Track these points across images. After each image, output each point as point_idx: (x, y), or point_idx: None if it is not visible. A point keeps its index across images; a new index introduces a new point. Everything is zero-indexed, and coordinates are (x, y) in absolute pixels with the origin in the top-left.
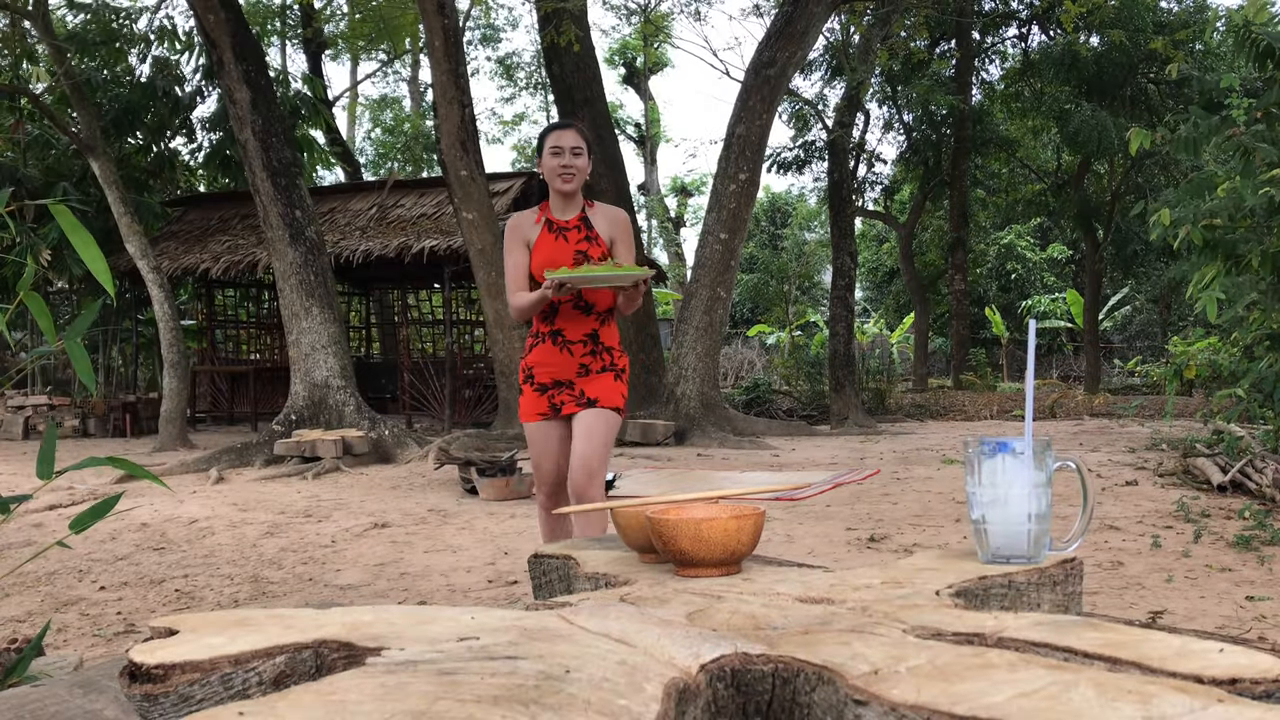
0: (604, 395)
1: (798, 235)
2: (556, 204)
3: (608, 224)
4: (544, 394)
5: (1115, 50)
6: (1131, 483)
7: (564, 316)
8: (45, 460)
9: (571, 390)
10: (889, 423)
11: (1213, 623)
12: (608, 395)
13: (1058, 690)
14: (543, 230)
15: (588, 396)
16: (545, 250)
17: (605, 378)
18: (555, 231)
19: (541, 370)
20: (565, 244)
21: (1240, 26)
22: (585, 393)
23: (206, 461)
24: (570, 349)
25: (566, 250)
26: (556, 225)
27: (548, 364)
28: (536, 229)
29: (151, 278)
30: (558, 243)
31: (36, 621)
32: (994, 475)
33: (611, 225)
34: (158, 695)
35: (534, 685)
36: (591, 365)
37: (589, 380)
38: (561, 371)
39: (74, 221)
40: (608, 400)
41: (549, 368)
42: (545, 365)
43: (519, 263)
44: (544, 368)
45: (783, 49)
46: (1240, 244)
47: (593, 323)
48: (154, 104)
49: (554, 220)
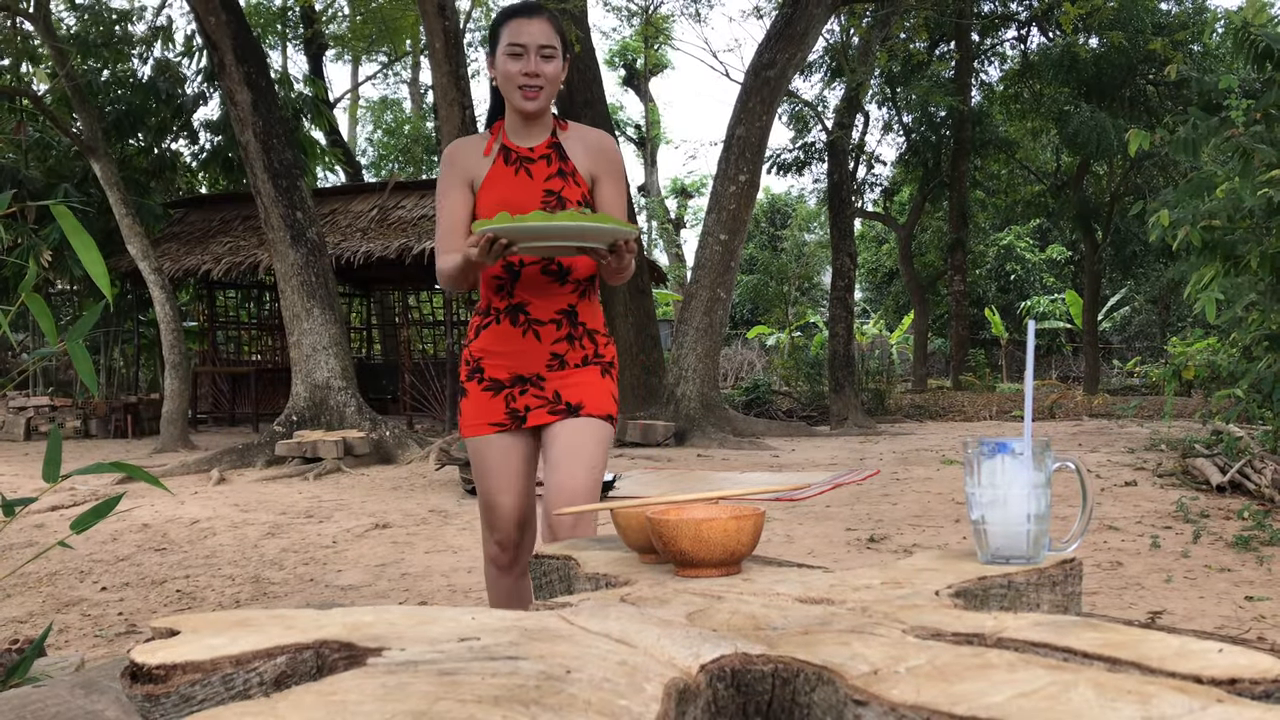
0: (590, 398)
1: (797, 236)
2: (515, 126)
3: (589, 153)
4: (499, 394)
5: (1114, 52)
6: (1130, 483)
7: (528, 286)
8: (51, 463)
9: (540, 390)
10: (888, 423)
11: (1212, 623)
12: (595, 398)
13: (1057, 690)
14: (496, 162)
15: (566, 400)
16: (499, 189)
17: (589, 373)
18: (514, 163)
19: (495, 362)
20: (529, 181)
21: (1239, 27)
22: (561, 395)
23: (208, 462)
24: (537, 332)
25: (530, 190)
26: (516, 155)
27: (505, 353)
28: (486, 161)
29: (153, 279)
30: (518, 179)
31: (38, 622)
32: (993, 476)
33: (595, 156)
34: (159, 696)
35: (535, 685)
36: (568, 355)
37: (566, 377)
38: (525, 363)
39: (75, 223)
40: (596, 405)
41: (507, 358)
42: (501, 355)
43: (455, 209)
44: (499, 358)
45: (782, 50)
46: (1239, 245)
47: (568, 295)
48: (155, 105)
49: (512, 148)
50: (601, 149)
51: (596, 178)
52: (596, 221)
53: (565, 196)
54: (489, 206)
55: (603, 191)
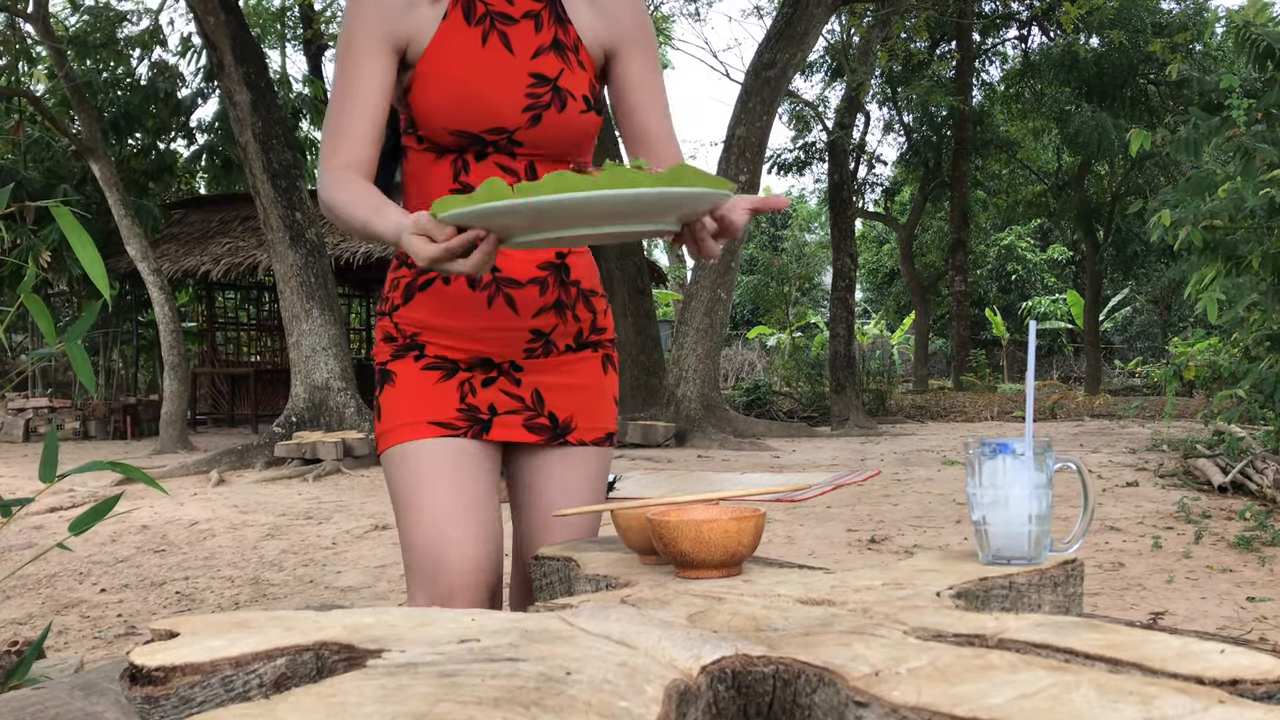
0: (587, 412)
1: (798, 236)
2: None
3: (602, 10)
4: (451, 378)
5: (1115, 51)
6: (1132, 484)
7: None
8: (48, 463)
9: (514, 386)
10: (889, 424)
11: (1214, 624)
12: (594, 411)
13: (1059, 691)
14: (451, 15)
15: (550, 411)
16: (453, 67)
17: (585, 365)
18: (481, 21)
19: (443, 340)
20: (506, 57)
21: (1240, 27)
22: (545, 400)
23: (207, 463)
24: (510, 297)
25: (508, 74)
26: (485, 7)
27: (459, 330)
28: (434, 9)
29: (152, 280)
30: (486, 51)
31: (37, 624)
32: (994, 476)
33: (611, 14)
34: (158, 697)
35: (535, 687)
36: (556, 334)
37: (553, 369)
38: (492, 344)
39: (74, 223)
40: (595, 422)
41: (462, 337)
42: (452, 332)
43: (366, 89)
44: (449, 335)
45: (783, 50)
46: (1240, 245)
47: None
48: (154, 106)
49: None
50: (623, 6)
51: (615, 50)
52: (672, 182)
53: (565, 89)
54: (434, 99)
55: (630, 74)
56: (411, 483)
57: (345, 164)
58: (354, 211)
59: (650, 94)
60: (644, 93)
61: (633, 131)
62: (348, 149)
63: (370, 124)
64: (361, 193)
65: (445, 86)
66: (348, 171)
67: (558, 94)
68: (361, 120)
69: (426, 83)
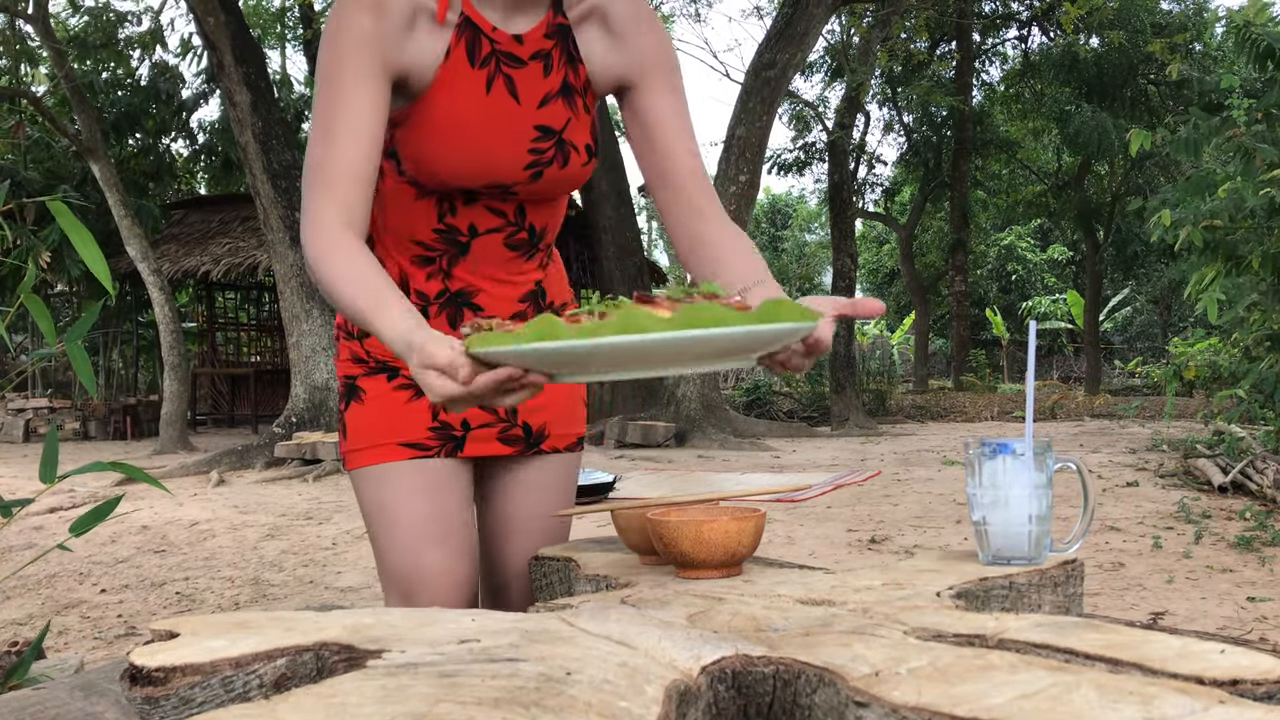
0: (558, 417)
1: (798, 237)
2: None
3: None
4: (421, 397)
5: (1115, 51)
6: (1132, 484)
7: (480, 264)
8: (48, 464)
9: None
10: (889, 424)
11: (1214, 624)
12: (564, 415)
13: (1059, 692)
14: (456, 49)
15: (524, 420)
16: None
17: None
18: (486, 62)
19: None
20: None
21: (1240, 27)
22: (519, 410)
23: (207, 464)
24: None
25: (512, 124)
26: (491, 45)
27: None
28: (434, 39)
29: (152, 280)
30: (490, 98)
31: (37, 624)
32: (995, 476)
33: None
34: (158, 698)
35: (535, 687)
36: None
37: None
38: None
39: (73, 220)
40: (566, 427)
41: None
42: None
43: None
44: None
45: (783, 50)
46: (1240, 245)
47: (533, 271)
48: (154, 106)
49: (484, 29)
50: (639, 26)
51: (634, 82)
52: (762, 320)
53: (569, 141)
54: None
55: (653, 107)
56: (386, 504)
57: (340, 219)
58: (351, 296)
59: (676, 130)
60: (669, 128)
61: (657, 169)
62: (341, 196)
63: (367, 164)
64: (362, 272)
65: (445, 141)
66: (346, 235)
67: (561, 149)
68: (356, 160)
69: (423, 131)
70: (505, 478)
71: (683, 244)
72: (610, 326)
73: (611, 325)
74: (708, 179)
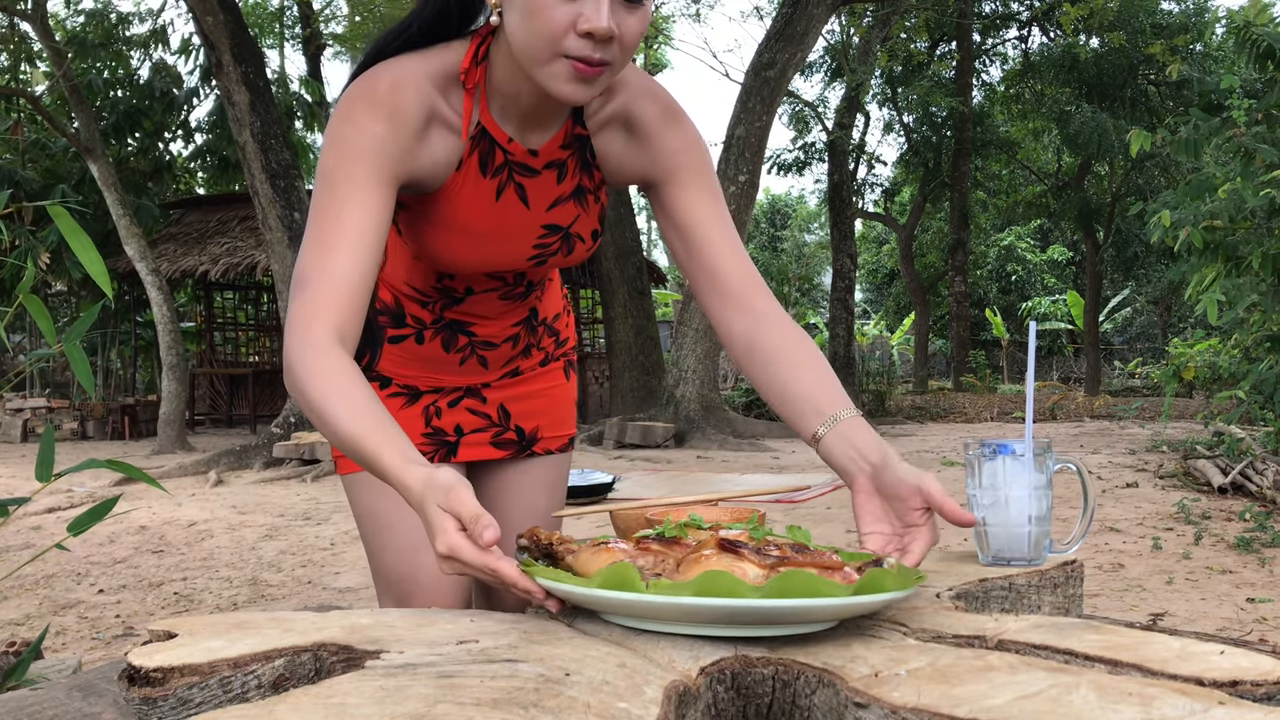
0: (550, 420)
1: (798, 237)
2: (515, 101)
3: (643, 144)
4: (415, 403)
5: (1115, 52)
6: (1132, 485)
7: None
8: (44, 463)
9: (480, 403)
10: (889, 424)
11: (1213, 625)
12: (556, 417)
13: (1059, 692)
14: (467, 163)
15: (517, 424)
16: (464, 218)
17: (549, 377)
18: (499, 171)
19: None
20: (520, 211)
21: (1240, 27)
22: (510, 414)
23: (205, 464)
24: (484, 358)
25: (520, 229)
26: (506, 157)
27: (427, 377)
28: (448, 148)
29: (150, 280)
30: (500, 205)
31: (35, 624)
32: (994, 477)
33: (655, 146)
34: (156, 698)
35: (533, 688)
36: (524, 365)
37: (518, 385)
38: (462, 376)
39: (72, 223)
40: (557, 429)
41: (430, 381)
42: (420, 378)
43: (362, 219)
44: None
45: (782, 50)
46: (1240, 245)
47: (528, 302)
48: (153, 106)
49: (500, 141)
50: (664, 128)
51: (660, 181)
52: (864, 591)
53: (576, 234)
54: (433, 244)
55: (686, 205)
56: (379, 509)
57: (332, 336)
58: (349, 417)
59: (713, 229)
60: (704, 227)
61: (696, 265)
62: (334, 311)
63: (366, 276)
64: (359, 397)
65: (449, 238)
66: (337, 351)
67: (567, 241)
68: (353, 273)
69: (427, 224)
70: (498, 480)
71: (737, 346)
72: (697, 587)
73: (697, 585)
74: (759, 276)
